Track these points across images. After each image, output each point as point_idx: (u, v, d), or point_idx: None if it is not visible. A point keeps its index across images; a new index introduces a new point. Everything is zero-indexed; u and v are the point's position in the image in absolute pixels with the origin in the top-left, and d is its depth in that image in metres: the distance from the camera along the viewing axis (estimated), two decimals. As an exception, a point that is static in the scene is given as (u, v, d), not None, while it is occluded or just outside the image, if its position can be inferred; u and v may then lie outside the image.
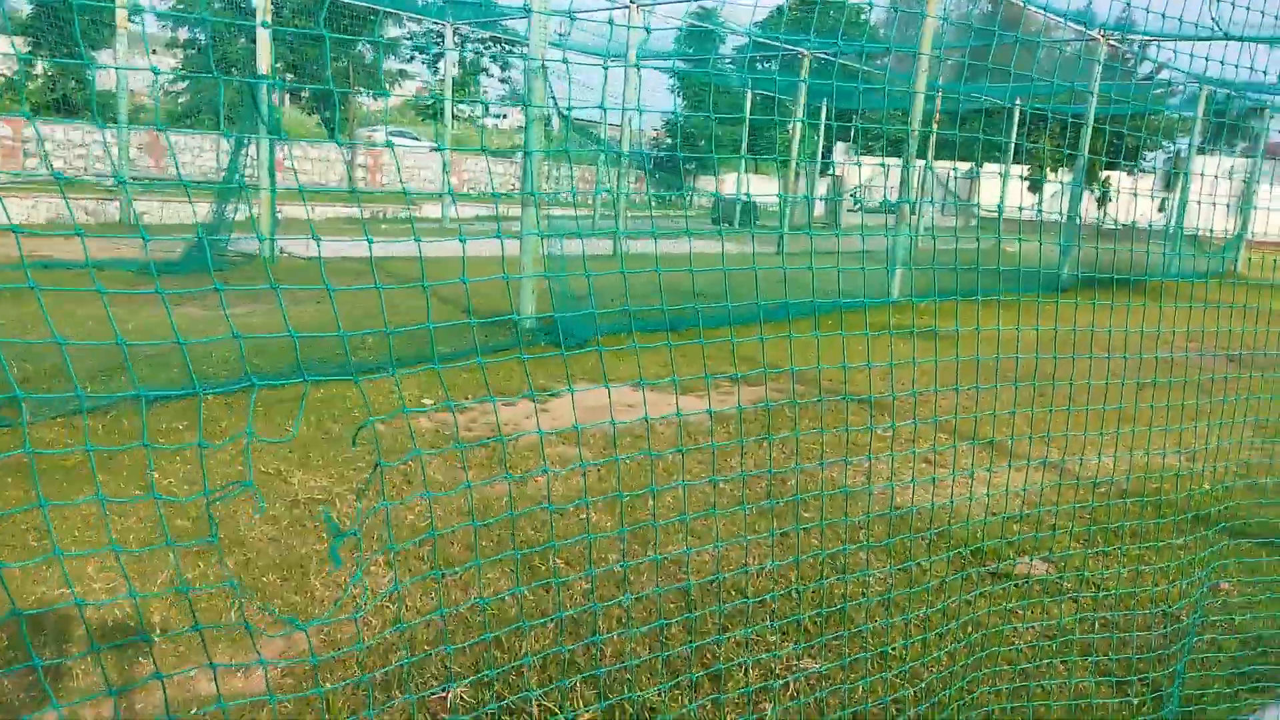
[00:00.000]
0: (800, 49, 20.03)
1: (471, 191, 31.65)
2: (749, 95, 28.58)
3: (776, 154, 35.83)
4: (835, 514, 4.41)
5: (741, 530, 4.13)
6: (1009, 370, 6.91)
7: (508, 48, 37.53)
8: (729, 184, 34.82)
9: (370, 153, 30.50)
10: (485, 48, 37.54)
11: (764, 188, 36.68)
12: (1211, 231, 19.02)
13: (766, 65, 35.45)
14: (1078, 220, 13.60)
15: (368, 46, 30.75)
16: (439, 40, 37.09)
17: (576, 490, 4.50)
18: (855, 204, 36.73)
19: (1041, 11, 14.75)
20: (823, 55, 22.03)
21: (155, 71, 1.62)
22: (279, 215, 13.03)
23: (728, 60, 33.78)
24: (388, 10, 24.33)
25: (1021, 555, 4.06)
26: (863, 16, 38.99)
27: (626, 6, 14.14)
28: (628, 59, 14.60)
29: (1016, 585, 3.73)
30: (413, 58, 37.69)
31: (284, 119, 38.27)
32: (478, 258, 11.62)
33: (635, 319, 8.87)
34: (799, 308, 9.56)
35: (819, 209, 30.66)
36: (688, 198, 35.31)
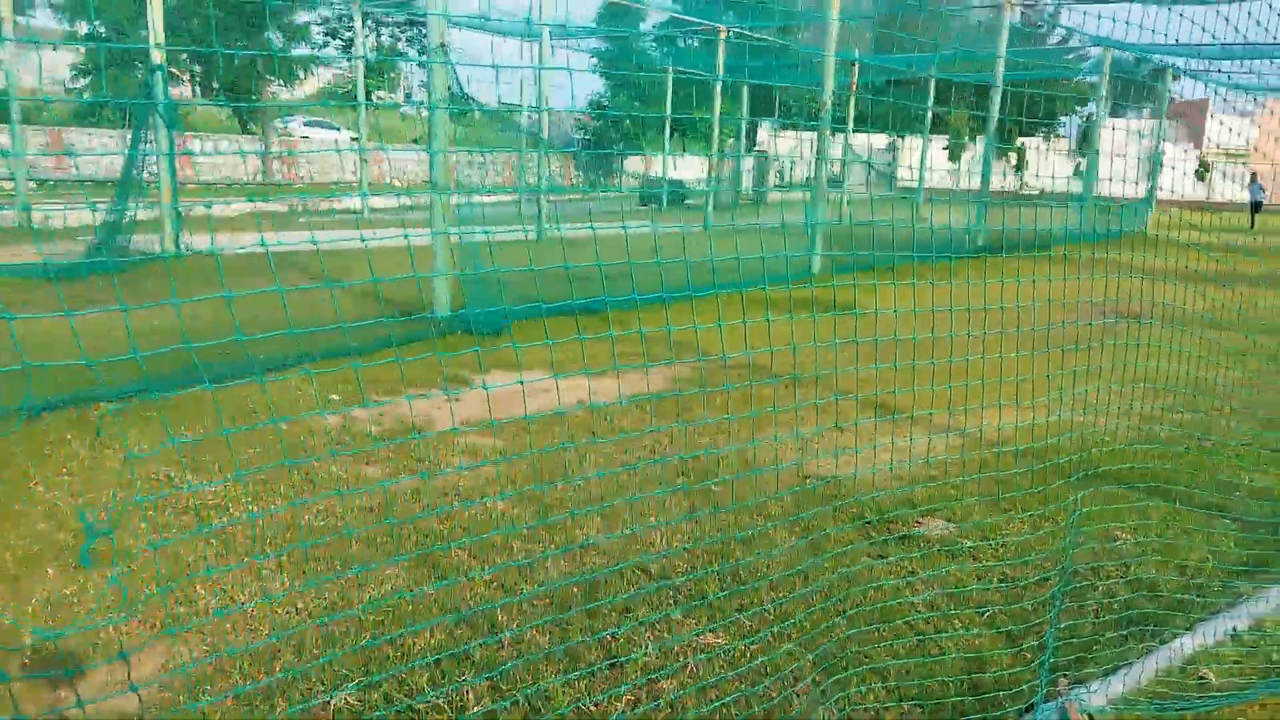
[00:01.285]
0: (717, 25, 20.01)
1: (395, 184, 31.02)
2: (670, 74, 28.44)
3: (700, 133, 35.91)
4: (748, 492, 4.43)
5: (656, 513, 4.12)
6: (921, 338, 7.02)
7: (424, 31, 36.81)
8: (657, 166, 34.80)
9: (286, 144, 29.65)
10: (401, 31, 36.70)
11: (691, 168, 36.71)
12: (1114, 199, 19.63)
13: (688, 43, 35.41)
14: (987, 186, 13.89)
15: (278, 33, 29.79)
16: (352, 25, 36.15)
17: (489, 481, 4.43)
18: (780, 180, 37.04)
19: None
20: (739, 30, 22.07)
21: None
22: (185, 212, 12.57)
23: (649, 39, 33.66)
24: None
25: (925, 518, 4.13)
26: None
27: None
28: (542, 39, 14.39)
29: (919, 547, 3.79)
30: (326, 44, 36.63)
31: (193, 112, 36.91)
32: (395, 249, 11.38)
33: (552, 305, 8.80)
34: (719, 288, 9.58)
35: (745, 183, 30.82)
36: (616, 179, 35.17)
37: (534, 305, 2.75)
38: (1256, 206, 27.42)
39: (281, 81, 32.76)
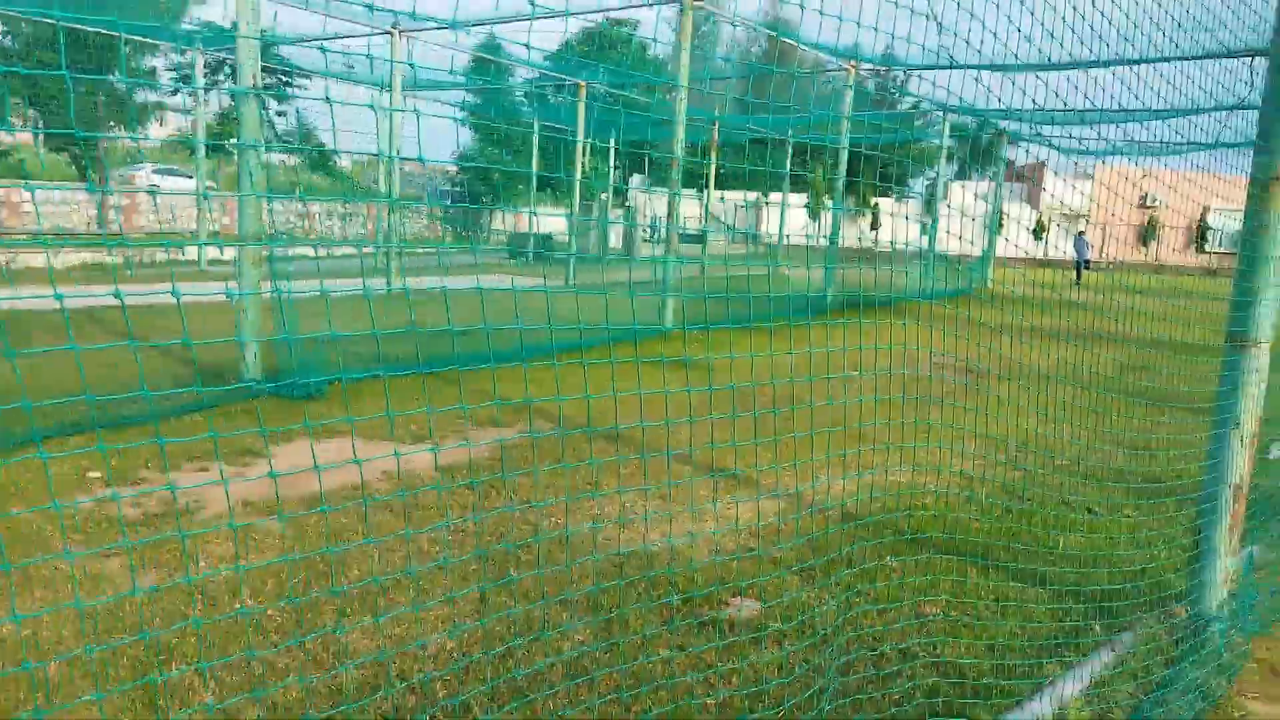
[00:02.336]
0: (575, 79, 20.09)
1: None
2: (535, 128, 28.44)
3: (567, 187, 36.05)
4: (552, 578, 4.04)
5: (437, 610, 3.67)
6: (764, 397, 6.88)
7: (284, 79, 35.67)
8: (526, 219, 34.57)
9: (126, 194, 27.90)
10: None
11: (561, 223, 36.72)
12: (958, 257, 20.62)
13: (558, 99, 35.65)
14: (837, 244, 14.23)
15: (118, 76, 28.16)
16: (206, 72, 34.68)
17: (249, 577, 3.88)
18: (649, 233, 37.44)
19: (812, 49, 15.46)
20: (599, 86, 22.26)
21: None
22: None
23: (519, 94, 33.65)
24: (140, 40, 22.39)
25: (735, 597, 3.84)
26: (649, 52, 40.08)
27: (388, 33, 13.53)
28: (394, 89, 13.96)
29: (723, 634, 3.49)
30: (177, 89, 34.99)
31: (30, 160, 34.46)
32: (212, 305, 10.58)
33: (389, 367, 8.25)
34: (565, 344, 9.26)
35: (614, 239, 30.94)
36: (484, 233, 34.73)
37: (367, 363, 2.31)
38: (1084, 264, 29.12)
39: (122, 126, 30.96)
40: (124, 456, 5.32)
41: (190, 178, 38.18)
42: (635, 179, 48.23)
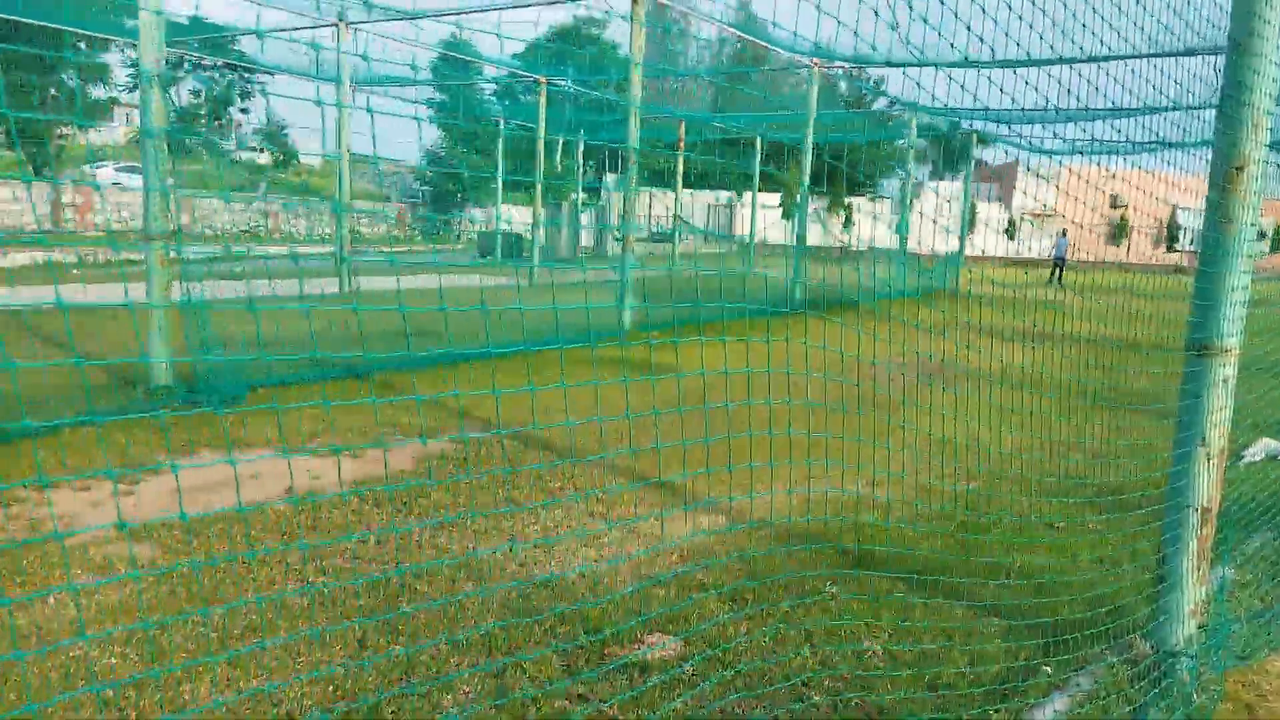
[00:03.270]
0: (538, 76, 19.64)
1: (208, 234, 28.91)
2: (516, 128, 27.95)
3: (540, 187, 35.54)
4: (451, 612, 3.63)
5: (311, 653, 3.25)
6: (719, 403, 6.50)
7: (245, 76, 34.97)
8: (508, 217, 34.08)
9: (81, 191, 27.15)
10: (221, 75, 34.75)
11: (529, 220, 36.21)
12: (930, 255, 20.39)
13: (528, 98, 35.15)
14: (804, 244, 13.89)
15: (72, 74, 27.47)
16: (166, 66, 33.93)
17: (106, 612, 3.44)
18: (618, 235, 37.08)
19: (782, 49, 15.12)
20: (567, 84, 21.85)
21: None
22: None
23: (486, 91, 33.13)
24: (90, 34, 21.71)
25: (652, 635, 3.44)
26: (619, 51, 39.66)
27: (335, 25, 13.03)
28: (342, 84, 13.46)
29: (633, 679, 3.09)
30: (134, 85, 34.16)
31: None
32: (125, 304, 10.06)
33: (324, 367, 7.79)
34: (501, 349, 8.85)
35: (585, 239, 30.52)
36: (455, 231, 34.20)
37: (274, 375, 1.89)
38: (1061, 263, 29.02)
39: (77, 125, 30.19)
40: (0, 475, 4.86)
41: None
42: (609, 178, 47.78)
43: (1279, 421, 7.62)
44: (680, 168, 24.78)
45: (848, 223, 36.79)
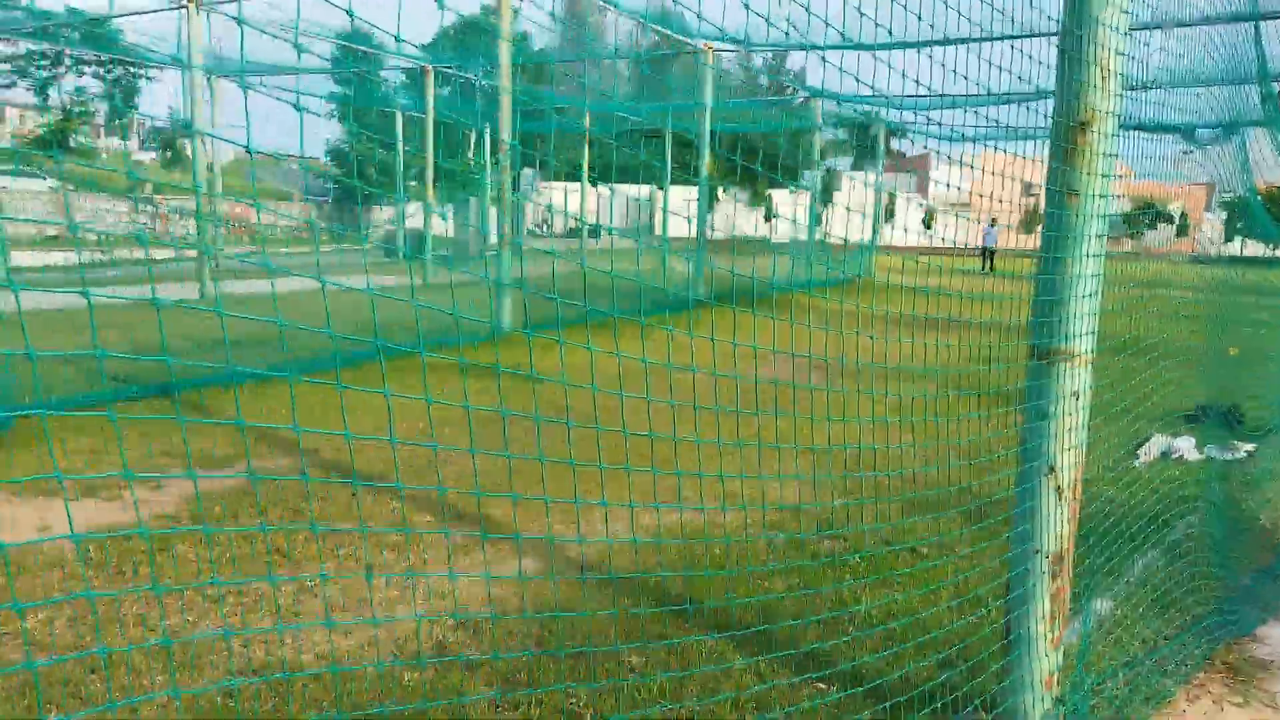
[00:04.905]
0: (447, 68, 18.68)
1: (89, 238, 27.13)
2: (421, 121, 26.76)
3: (459, 183, 34.39)
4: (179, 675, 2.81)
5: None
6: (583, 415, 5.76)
7: (133, 70, 33.06)
8: (411, 217, 32.86)
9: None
10: (107, 70, 32.78)
11: (438, 218, 35.00)
12: (843, 245, 20.03)
13: (440, 91, 33.90)
14: (704, 235, 13.28)
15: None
16: (46, 64, 31.85)
17: None
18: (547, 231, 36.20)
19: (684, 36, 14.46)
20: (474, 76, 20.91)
21: None
22: None
23: (392, 84, 31.83)
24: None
25: (382, 739, 2.68)
26: (529, 42, 38.62)
27: (183, 7, 11.92)
28: (191, 67, 12.35)
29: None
30: (13, 84, 32.06)
31: None
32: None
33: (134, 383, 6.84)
34: (355, 356, 8.00)
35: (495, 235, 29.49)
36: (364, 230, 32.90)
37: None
38: (990, 252, 28.51)
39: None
40: None
41: (45, 179, 35.10)
42: (528, 172, 46.72)
43: (1184, 414, 7.21)
44: (586, 159, 24.01)
45: (769, 215, 36.49)
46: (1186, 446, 6.11)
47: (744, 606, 3.54)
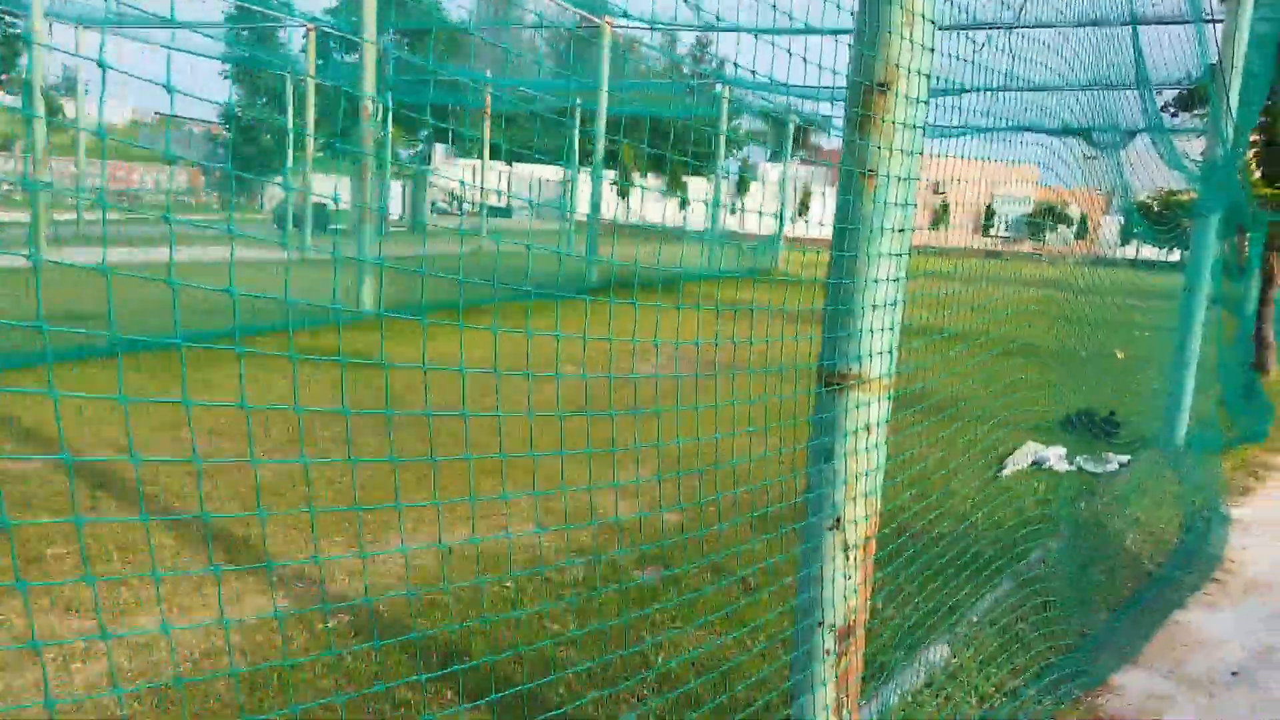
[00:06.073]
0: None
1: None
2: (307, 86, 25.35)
3: (347, 151, 32.90)
4: None
5: None
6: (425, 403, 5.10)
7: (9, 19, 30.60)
8: (314, 186, 31.36)
9: None
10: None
11: (346, 189, 33.54)
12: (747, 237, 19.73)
13: (342, 57, 32.35)
14: (596, 217, 12.68)
15: None
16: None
17: None
18: (451, 204, 35.02)
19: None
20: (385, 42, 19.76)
21: None
22: None
23: (295, 48, 30.22)
24: None
25: None
26: (444, 13, 37.31)
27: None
28: (35, 17, 11.12)
29: None
30: None
31: None
32: None
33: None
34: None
35: (394, 211, 28.32)
36: (256, 199, 31.33)
37: None
38: None
39: None
40: None
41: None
42: (439, 148, 45.23)
43: (1061, 421, 6.95)
44: (487, 135, 23.14)
45: (683, 203, 36.06)
46: (1056, 456, 5.82)
47: (531, 658, 2.98)
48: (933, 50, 1.82)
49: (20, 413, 5.49)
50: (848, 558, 1.92)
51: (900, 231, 1.84)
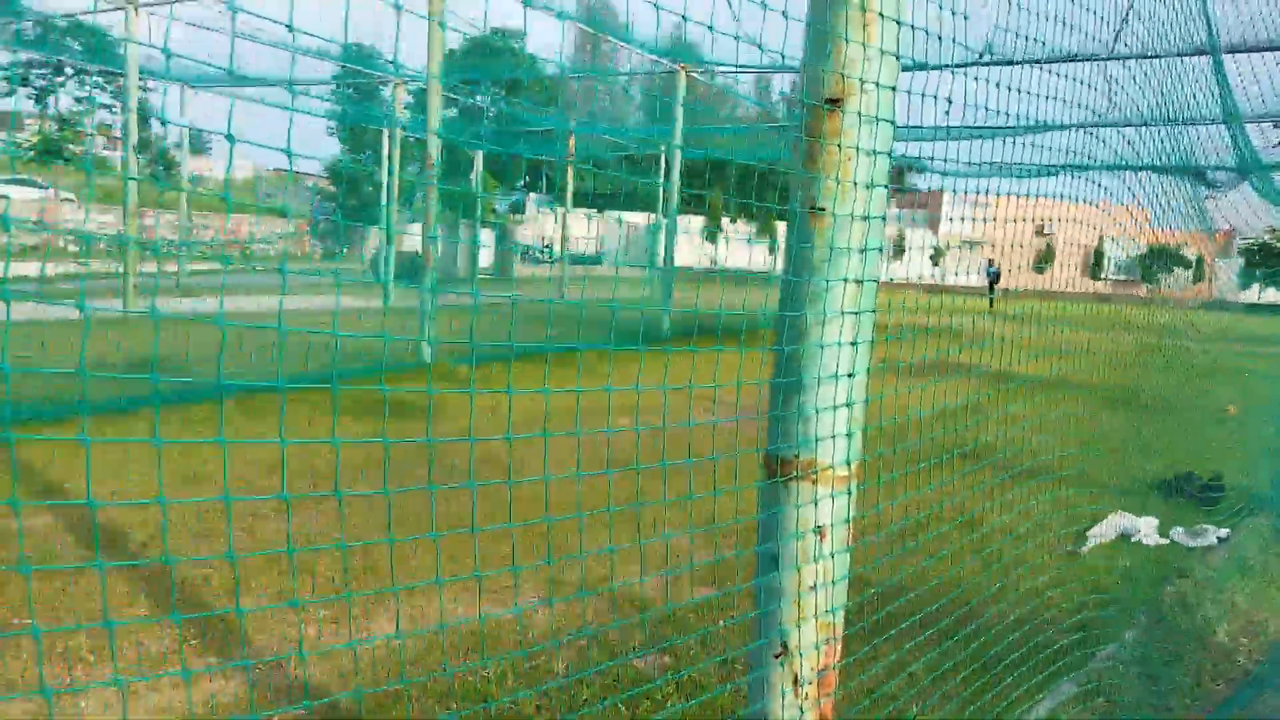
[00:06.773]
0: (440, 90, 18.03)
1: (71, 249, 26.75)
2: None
3: (456, 203, 33.83)
4: None
5: None
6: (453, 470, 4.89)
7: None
8: (408, 238, 32.35)
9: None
10: (106, 82, 32.61)
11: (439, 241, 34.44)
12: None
13: (447, 113, 33.44)
14: (672, 262, 12.44)
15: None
16: (47, 73, 31.74)
17: None
18: (546, 254, 35.55)
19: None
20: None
21: None
22: None
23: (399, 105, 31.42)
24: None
25: None
26: (541, 65, 38.18)
27: (123, 8, 11.32)
28: (130, 72, 11.72)
29: None
30: (12, 92, 31.96)
31: None
32: None
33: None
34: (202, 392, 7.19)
35: (485, 259, 28.81)
36: (357, 250, 32.45)
37: None
38: (994, 279, 27.74)
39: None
40: None
41: (43, 187, 34.88)
42: (533, 197, 46.12)
43: (1158, 484, 6.21)
44: (570, 181, 23.33)
45: (772, 247, 35.68)
46: (1148, 528, 5.14)
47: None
48: (898, 57, 1.46)
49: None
50: (797, 693, 1.53)
51: (859, 283, 1.47)
